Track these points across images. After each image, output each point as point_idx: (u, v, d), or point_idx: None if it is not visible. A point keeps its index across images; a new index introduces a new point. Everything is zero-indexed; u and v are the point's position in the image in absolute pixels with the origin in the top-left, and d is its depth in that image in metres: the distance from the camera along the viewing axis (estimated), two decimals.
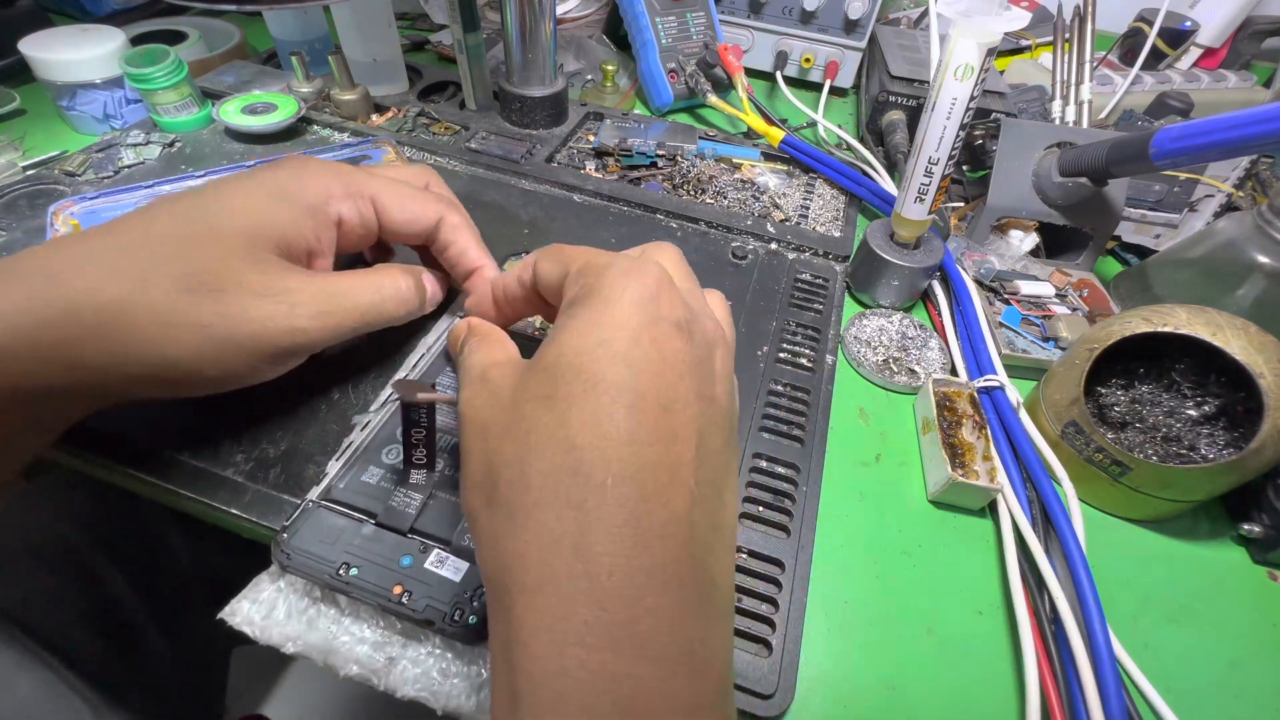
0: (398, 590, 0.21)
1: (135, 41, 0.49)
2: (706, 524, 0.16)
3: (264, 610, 0.21)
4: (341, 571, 0.21)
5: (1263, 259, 0.34)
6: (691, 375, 0.17)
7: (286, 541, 0.22)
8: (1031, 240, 0.43)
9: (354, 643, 0.21)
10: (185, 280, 0.21)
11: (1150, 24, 0.63)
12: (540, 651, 0.14)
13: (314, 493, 0.23)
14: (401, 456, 0.24)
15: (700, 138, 0.51)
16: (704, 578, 0.15)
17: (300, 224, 0.24)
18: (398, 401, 0.25)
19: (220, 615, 0.21)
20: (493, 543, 0.16)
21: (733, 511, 0.18)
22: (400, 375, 0.29)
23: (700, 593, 0.15)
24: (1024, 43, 0.70)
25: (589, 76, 0.60)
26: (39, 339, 0.20)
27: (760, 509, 0.28)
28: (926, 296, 0.40)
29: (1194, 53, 0.71)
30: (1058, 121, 0.51)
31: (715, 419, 0.17)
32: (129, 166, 0.42)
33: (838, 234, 0.44)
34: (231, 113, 0.45)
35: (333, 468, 0.25)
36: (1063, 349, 0.36)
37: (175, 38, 0.55)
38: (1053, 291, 0.39)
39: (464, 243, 0.29)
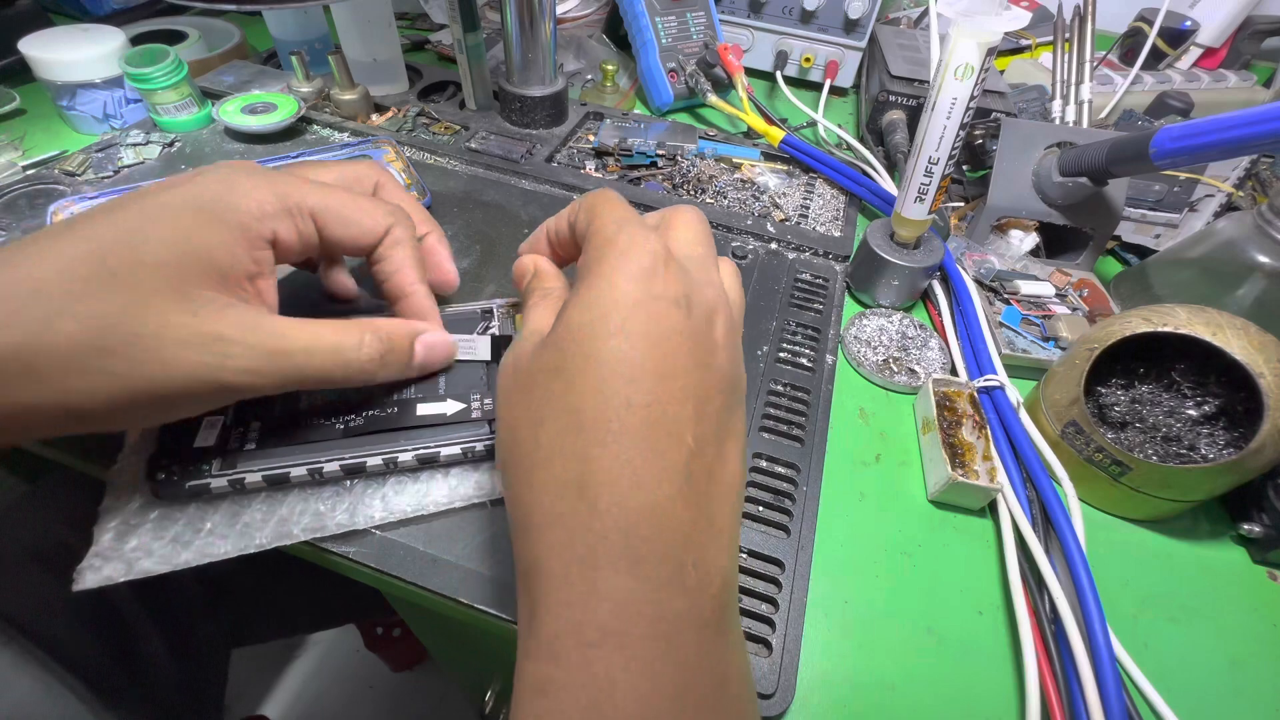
0: None
1: (135, 41, 0.49)
2: (704, 473, 0.18)
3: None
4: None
5: (1263, 259, 0.34)
6: (689, 345, 0.18)
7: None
8: (1031, 240, 0.43)
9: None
10: (95, 323, 0.19)
11: (1150, 24, 0.63)
12: (551, 569, 0.17)
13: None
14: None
15: (700, 137, 0.51)
16: (700, 515, 0.18)
17: (233, 247, 0.21)
18: None
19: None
20: (514, 494, 0.19)
21: (735, 465, 0.19)
22: None
23: (696, 525, 0.17)
24: (1024, 43, 0.70)
25: (589, 76, 0.60)
26: None
27: (760, 509, 0.28)
28: (926, 296, 0.40)
29: (1194, 52, 0.71)
30: (1058, 121, 0.51)
31: (713, 383, 0.19)
32: (129, 166, 0.42)
33: (838, 234, 0.44)
34: (231, 112, 0.45)
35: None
36: (1063, 349, 0.36)
37: (175, 38, 0.55)
38: (1053, 291, 0.39)
39: (398, 261, 0.26)
